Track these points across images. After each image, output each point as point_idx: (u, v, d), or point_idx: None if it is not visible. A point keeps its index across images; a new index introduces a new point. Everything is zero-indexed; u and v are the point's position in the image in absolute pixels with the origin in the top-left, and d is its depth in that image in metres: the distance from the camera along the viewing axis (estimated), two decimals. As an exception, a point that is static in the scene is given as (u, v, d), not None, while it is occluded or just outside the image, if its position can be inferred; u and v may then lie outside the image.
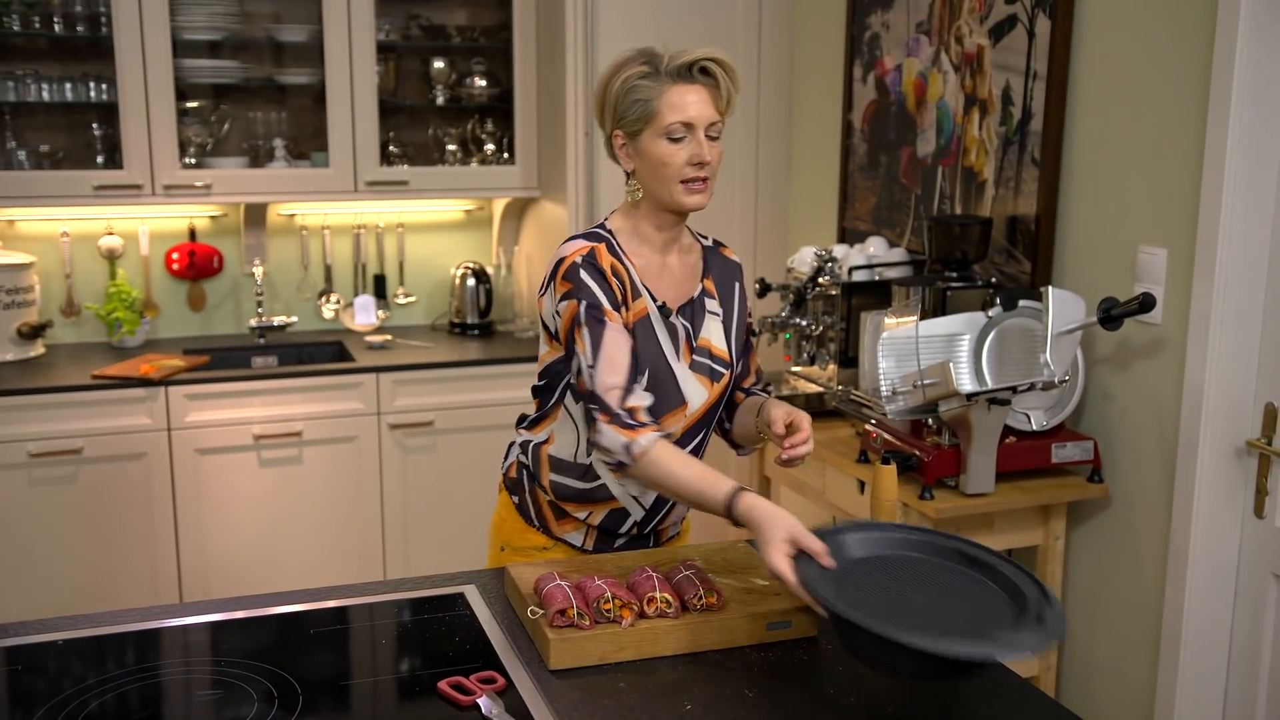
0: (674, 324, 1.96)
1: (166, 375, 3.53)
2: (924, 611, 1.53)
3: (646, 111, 1.86)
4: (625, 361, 1.85)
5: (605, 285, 1.89)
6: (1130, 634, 2.68)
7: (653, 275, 1.97)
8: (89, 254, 3.94)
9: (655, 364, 1.92)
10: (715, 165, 1.90)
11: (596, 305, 1.86)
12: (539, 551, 2.06)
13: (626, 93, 1.87)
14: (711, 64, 1.86)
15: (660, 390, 1.93)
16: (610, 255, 1.93)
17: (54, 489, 3.45)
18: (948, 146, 3.15)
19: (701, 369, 1.98)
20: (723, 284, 2.04)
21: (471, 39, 4.11)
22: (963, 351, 2.63)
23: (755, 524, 1.67)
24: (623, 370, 1.84)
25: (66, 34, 3.69)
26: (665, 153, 1.87)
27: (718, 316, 2.02)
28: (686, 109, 1.85)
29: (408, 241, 4.27)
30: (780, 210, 4.02)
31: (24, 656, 1.67)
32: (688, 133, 1.86)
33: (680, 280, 2.00)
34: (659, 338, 1.94)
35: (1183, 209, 2.47)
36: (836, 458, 2.89)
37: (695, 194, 1.89)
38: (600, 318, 1.86)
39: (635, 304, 1.93)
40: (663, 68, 1.86)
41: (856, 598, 1.53)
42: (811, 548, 1.60)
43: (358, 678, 1.64)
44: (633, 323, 1.92)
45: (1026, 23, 2.83)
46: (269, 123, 3.99)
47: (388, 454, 3.74)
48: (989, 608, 1.56)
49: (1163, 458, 2.56)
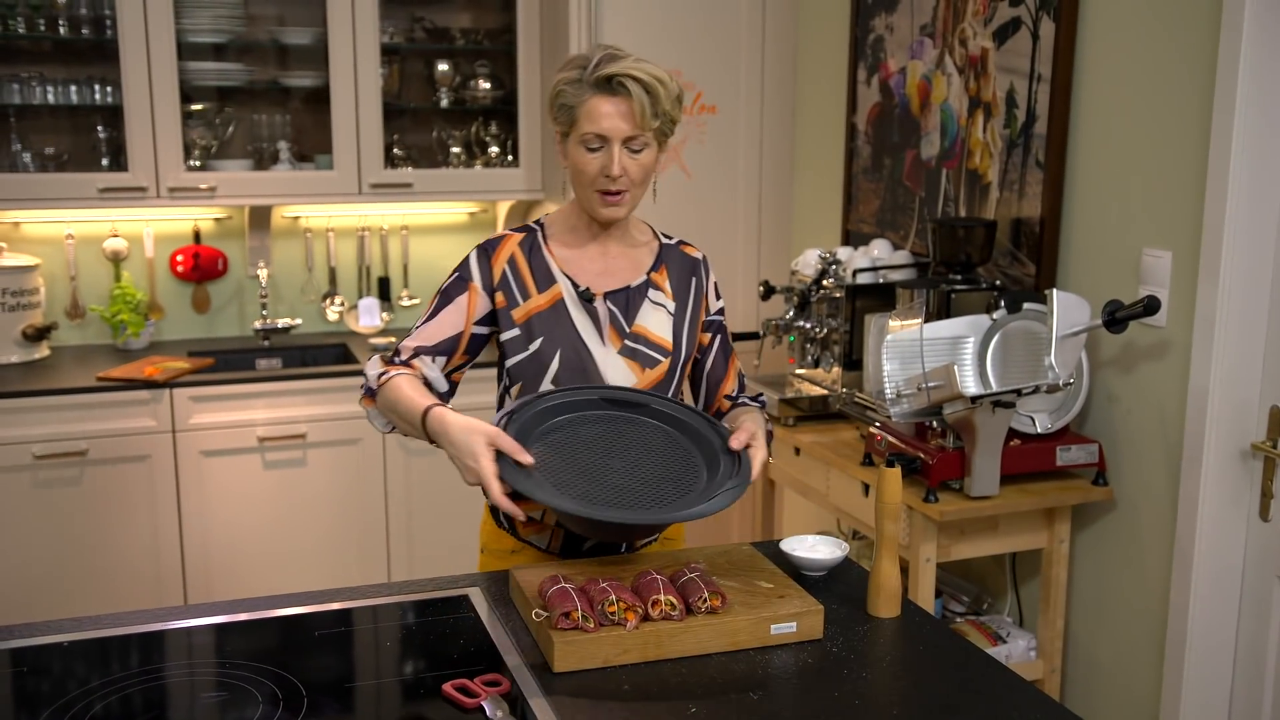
0: (596, 309, 2.00)
1: (171, 377, 3.53)
2: (624, 475, 1.82)
3: (569, 118, 1.91)
4: (437, 338, 1.98)
5: (485, 268, 2.00)
6: (1135, 637, 2.67)
7: (578, 264, 2.02)
8: (94, 256, 3.95)
9: (568, 345, 1.97)
10: (636, 178, 1.92)
11: (463, 279, 2.00)
12: (510, 554, 2.09)
13: (555, 96, 1.92)
14: (628, 80, 1.86)
15: (573, 370, 1.97)
16: (520, 247, 2.02)
17: (59, 491, 3.45)
18: (952, 149, 3.15)
19: (633, 354, 2.00)
20: (678, 279, 2.07)
21: (475, 41, 4.11)
22: (967, 354, 2.62)
23: (447, 436, 1.77)
24: (428, 342, 1.98)
25: (71, 36, 3.69)
26: (581, 160, 1.91)
27: (663, 309, 2.04)
28: (600, 121, 1.88)
29: (412, 244, 4.27)
30: (784, 213, 4.02)
31: (29, 658, 1.67)
32: (602, 144, 1.89)
33: (615, 269, 2.04)
34: (573, 321, 1.99)
35: (1187, 211, 2.47)
36: (840, 460, 2.89)
37: (609, 205, 1.94)
38: (457, 291, 2.00)
39: (546, 292, 2.00)
40: (585, 76, 1.88)
41: (559, 480, 1.77)
42: (508, 447, 1.73)
43: (362, 680, 1.64)
44: (543, 309, 1.98)
45: (1030, 25, 2.83)
46: (273, 125, 4.00)
47: (391, 456, 3.74)
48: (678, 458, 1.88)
49: (1167, 461, 2.56)
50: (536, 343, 1.97)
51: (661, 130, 1.92)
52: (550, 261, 2.01)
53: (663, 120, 1.91)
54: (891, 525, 1.82)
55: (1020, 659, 2.82)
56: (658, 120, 1.90)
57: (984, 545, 2.71)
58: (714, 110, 3.87)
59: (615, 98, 1.87)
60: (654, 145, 1.93)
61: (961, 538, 2.67)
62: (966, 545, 2.69)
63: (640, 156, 1.91)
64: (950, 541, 2.66)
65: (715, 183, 3.90)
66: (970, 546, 2.69)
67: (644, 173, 1.93)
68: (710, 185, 3.89)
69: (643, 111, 1.87)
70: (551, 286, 2.00)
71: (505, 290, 2.00)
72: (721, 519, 4.02)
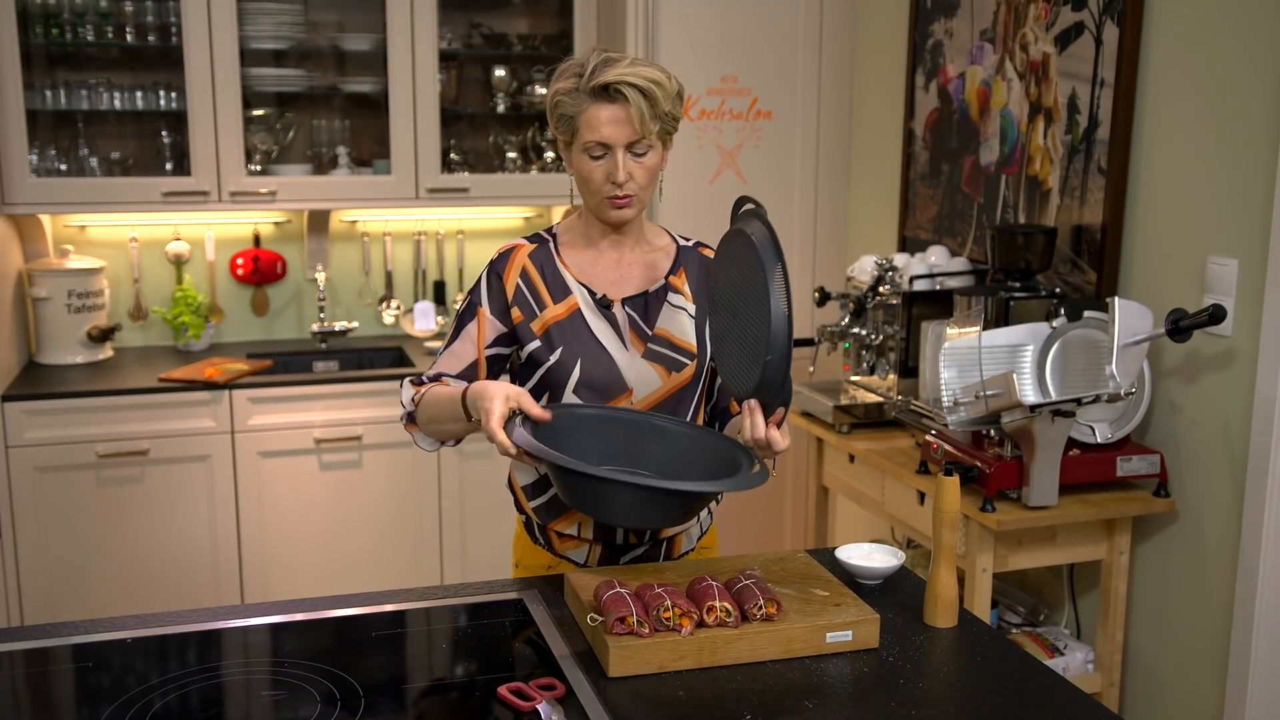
0: (614, 315, 1.99)
1: (230, 379, 3.58)
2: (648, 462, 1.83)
3: (570, 127, 1.89)
4: (460, 365, 2.00)
5: (497, 288, 2.00)
6: (1197, 652, 2.62)
7: (593, 270, 2.01)
8: (157, 259, 4.01)
9: (588, 354, 1.96)
10: (642, 181, 1.91)
11: (473, 305, 2.01)
12: (546, 570, 2.08)
13: (554, 106, 1.90)
14: (625, 86, 1.84)
15: (597, 377, 1.96)
16: (532, 258, 2.01)
17: (121, 489, 3.51)
18: (1011, 155, 3.12)
19: (658, 358, 1.99)
20: (697, 281, 2.05)
21: (532, 47, 4.13)
22: (1026, 362, 2.59)
23: (477, 397, 1.78)
24: (453, 370, 2.00)
25: (138, 44, 3.76)
26: (586, 168, 1.91)
27: (684, 311, 2.02)
28: (600, 129, 1.86)
29: (467, 248, 4.30)
30: (840, 219, 4.00)
31: (92, 654, 1.70)
32: (605, 151, 1.88)
33: (631, 274, 2.02)
34: (592, 328, 1.97)
35: (1254, 218, 2.42)
36: (896, 468, 2.87)
37: (616, 209, 1.93)
38: (469, 318, 2.00)
39: (563, 302, 1.98)
40: (582, 84, 1.86)
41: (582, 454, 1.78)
42: (531, 409, 1.74)
43: (418, 681, 1.65)
44: (561, 319, 1.97)
45: (1094, 30, 2.79)
46: (332, 130, 4.04)
47: (446, 459, 3.76)
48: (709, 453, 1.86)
49: (1232, 472, 2.51)
50: (557, 352, 1.96)
51: (664, 130, 1.90)
52: (564, 271, 2.00)
53: (664, 121, 1.89)
54: (949, 534, 1.80)
55: (1078, 671, 2.78)
56: (658, 122, 1.88)
57: (1042, 556, 2.67)
58: (770, 116, 3.86)
59: (613, 104, 1.85)
60: (658, 146, 1.91)
61: (1019, 548, 2.64)
62: (1024, 555, 2.65)
63: (645, 159, 1.90)
64: (1007, 551, 2.63)
65: (771, 188, 3.89)
66: (1027, 557, 2.66)
67: (650, 175, 1.92)
68: (766, 191, 3.88)
69: (642, 117, 1.85)
70: (567, 297, 1.98)
71: (521, 305, 1.98)
72: (775, 526, 4.00)
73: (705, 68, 3.76)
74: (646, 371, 1.98)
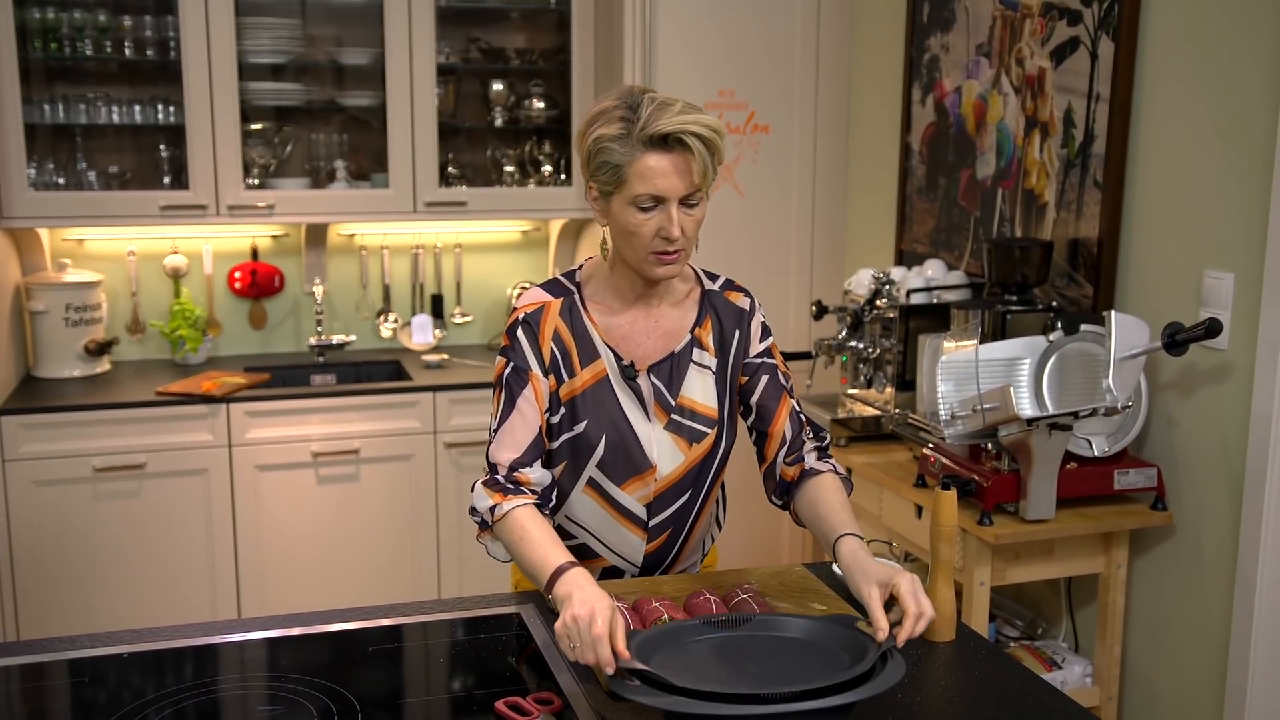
0: (639, 385, 1.89)
1: (228, 392, 3.58)
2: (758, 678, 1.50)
3: (616, 177, 1.75)
4: (525, 441, 1.85)
5: (536, 349, 1.86)
6: (1195, 666, 2.62)
7: (621, 332, 1.90)
8: (154, 273, 4.02)
9: (613, 428, 1.87)
10: (692, 234, 1.78)
11: (522, 370, 1.86)
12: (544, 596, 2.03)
13: (597, 152, 1.75)
14: (688, 136, 1.71)
15: (620, 454, 1.88)
16: (562, 316, 1.88)
17: (118, 503, 3.51)
18: (1008, 169, 3.12)
19: (680, 429, 1.90)
20: (721, 333, 1.93)
21: (530, 62, 4.14)
22: (1023, 376, 2.60)
23: (567, 599, 1.59)
24: (518, 449, 1.84)
25: (136, 58, 3.77)
26: (633, 221, 1.76)
27: (708, 370, 1.91)
28: (655, 181, 1.72)
29: (465, 262, 4.31)
30: (837, 232, 4.00)
31: (88, 669, 1.69)
32: (657, 204, 1.75)
33: (659, 335, 1.91)
34: (619, 400, 1.88)
35: (1250, 232, 2.43)
36: (894, 482, 2.87)
37: (664, 264, 1.79)
38: (520, 384, 1.86)
39: (590, 367, 1.88)
40: (635, 132, 1.72)
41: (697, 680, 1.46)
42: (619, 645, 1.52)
43: (415, 696, 1.65)
44: (587, 387, 1.88)
45: (1089, 45, 2.80)
46: (330, 144, 4.05)
47: (443, 472, 3.76)
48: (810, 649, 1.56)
49: (1229, 486, 2.51)
50: (581, 425, 1.87)
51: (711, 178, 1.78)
52: (592, 331, 1.88)
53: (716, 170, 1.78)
54: (947, 548, 1.80)
55: (1076, 685, 2.77)
56: (714, 173, 1.77)
57: (1039, 569, 2.67)
58: (767, 130, 3.87)
59: (671, 154, 1.72)
60: (706, 195, 1.79)
61: (1016, 561, 2.64)
62: (1021, 569, 2.65)
63: (695, 211, 1.77)
64: (1005, 565, 2.63)
65: (768, 202, 3.90)
66: (1025, 570, 2.66)
67: (697, 226, 1.79)
68: (763, 204, 3.89)
69: (705, 168, 1.73)
70: (595, 361, 1.88)
71: (555, 371, 1.88)
72: (772, 540, 4.00)
73: (702, 81, 3.77)
74: (668, 446, 1.90)
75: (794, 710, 1.35)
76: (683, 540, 1.99)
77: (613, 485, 1.91)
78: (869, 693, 1.40)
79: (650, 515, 1.93)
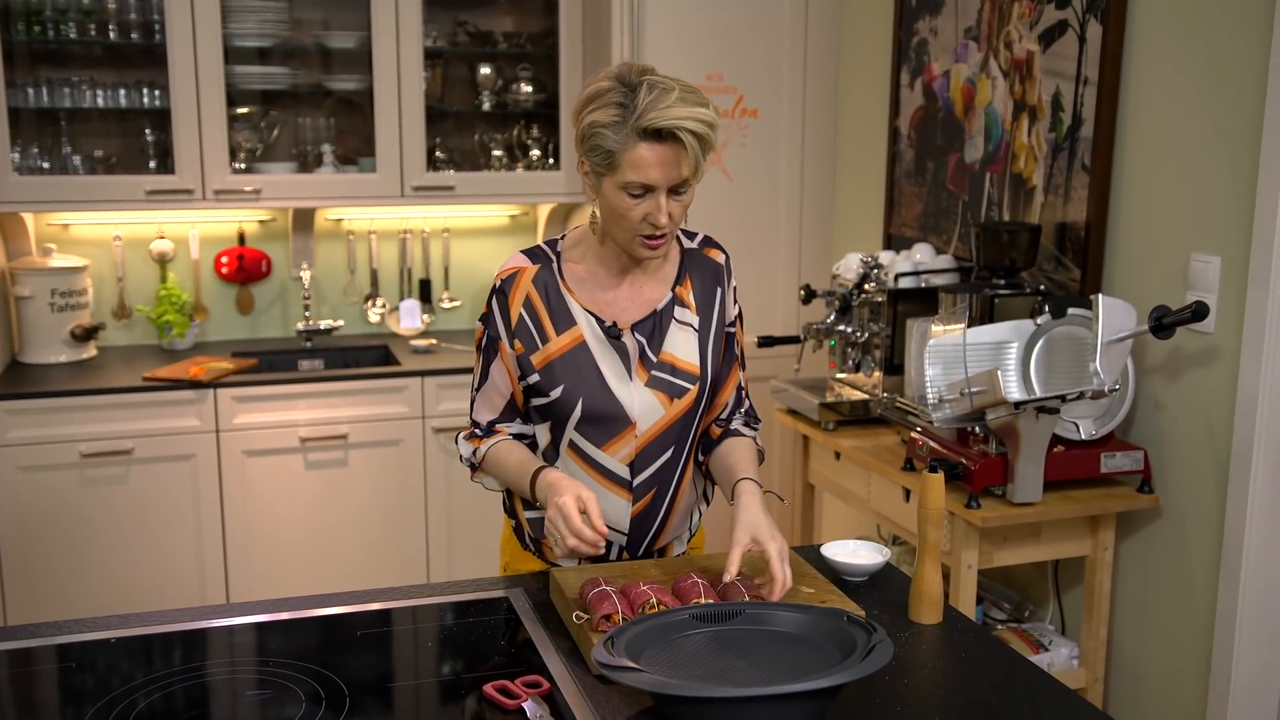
0: (624, 344, 1.91)
1: (215, 378, 3.57)
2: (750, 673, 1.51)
3: (609, 162, 1.76)
4: (500, 405, 1.97)
5: (505, 317, 1.93)
6: (1181, 648, 2.64)
7: (602, 295, 1.93)
8: (140, 258, 4.00)
9: (589, 391, 1.89)
10: (679, 218, 1.82)
11: (494, 339, 1.95)
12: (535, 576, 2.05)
13: (591, 135, 1.77)
14: (682, 132, 1.72)
15: (598, 416, 1.90)
16: (535, 283, 1.92)
17: (105, 489, 3.50)
18: (996, 153, 3.12)
19: (660, 385, 1.91)
20: (702, 289, 1.97)
21: (518, 45, 4.13)
22: (1010, 359, 2.60)
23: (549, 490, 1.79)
24: (495, 410, 1.98)
25: (121, 41, 3.74)
26: (622, 205, 1.78)
27: (689, 327, 1.94)
28: (648, 171, 1.74)
29: (453, 246, 4.30)
30: (826, 217, 4.00)
31: (75, 654, 1.69)
32: (646, 191, 1.77)
33: (641, 294, 1.94)
34: (596, 362, 1.90)
35: (1237, 216, 2.44)
36: (882, 465, 2.88)
37: (649, 248, 1.83)
38: (494, 352, 1.95)
39: (567, 333, 1.90)
40: (630, 120, 1.73)
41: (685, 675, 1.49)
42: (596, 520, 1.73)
43: (404, 680, 1.65)
44: (564, 351, 1.90)
45: (1077, 28, 2.80)
46: (317, 128, 4.03)
47: (432, 457, 3.76)
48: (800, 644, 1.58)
49: (1215, 469, 2.52)
50: (557, 390, 1.90)
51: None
52: (569, 300, 1.92)
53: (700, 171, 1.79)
54: (934, 531, 1.81)
55: (1063, 667, 2.79)
56: (706, 161, 1.79)
57: (1026, 552, 2.68)
58: (755, 114, 3.86)
59: (663, 146, 1.73)
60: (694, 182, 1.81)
61: (1004, 544, 2.65)
62: (1009, 552, 2.66)
63: (684, 197, 1.80)
64: (992, 548, 2.64)
65: (756, 186, 3.90)
66: (1012, 553, 2.67)
67: (684, 210, 1.82)
68: (751, 189, 3.89)
69: (696, 161, 1.76)
70: (571, 328, 1.91)
71: (523, 336, 1.91)
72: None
73: (690, 65, 3.76)
74: (649, 401, 1.92)
75: (780, 693, 1.36)
76: (669, 503, 1.99)
77: (594, 447, 1.93)
78: (855, 675, 1.40)
79: (634, 474, 1.94)
